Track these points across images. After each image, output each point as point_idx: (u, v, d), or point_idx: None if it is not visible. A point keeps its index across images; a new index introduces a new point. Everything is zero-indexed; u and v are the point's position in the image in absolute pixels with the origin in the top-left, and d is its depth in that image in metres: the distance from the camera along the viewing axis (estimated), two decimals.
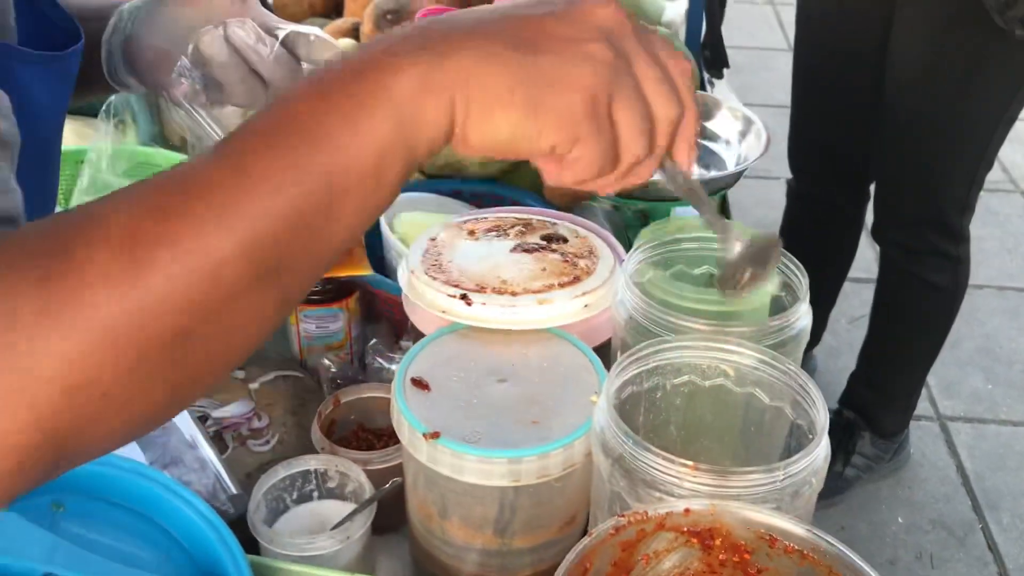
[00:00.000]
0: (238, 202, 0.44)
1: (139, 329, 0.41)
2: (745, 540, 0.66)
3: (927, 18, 1.72)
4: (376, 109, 0.46)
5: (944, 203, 1.90)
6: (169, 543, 0.78)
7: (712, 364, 0.80)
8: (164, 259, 0.42)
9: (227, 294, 0.44)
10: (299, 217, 0.45)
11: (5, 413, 0.39)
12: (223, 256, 0.43)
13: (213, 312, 0.44)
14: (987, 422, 2.49)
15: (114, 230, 0.42)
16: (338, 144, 0.46)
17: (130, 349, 0.41)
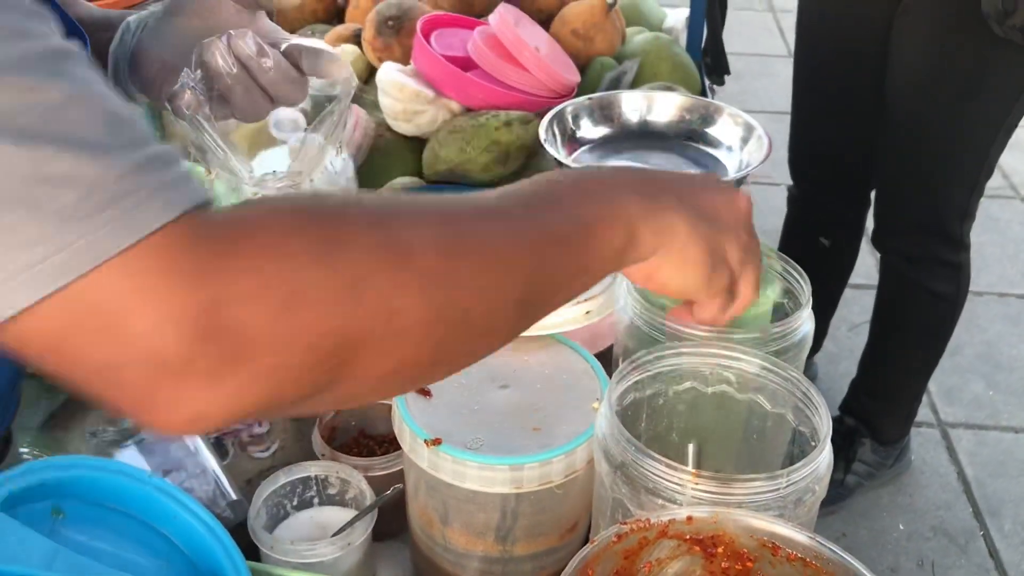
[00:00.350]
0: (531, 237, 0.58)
1: (442, 288, 0.52)
2: (748, 548, 0.65)
3: (927, 25, 1.72)
4: (617, 223, 0.62)
5: (944, 210, 1.90)
6: (170, 549, 0.77)
7: (714, 371, 0.80)
8: (470, 245, 0.54)
9: (502, 297, 0.56)
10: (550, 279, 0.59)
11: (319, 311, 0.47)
12: (511, 266, 0.56)
13: (488, 306, 0.55)
14: (988, 429, 2.48)
15: (437, 228, 0.54)
16: (594, 239, 0.61)
17: (435, 299, 0.51)
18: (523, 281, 0.56)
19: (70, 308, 0.43)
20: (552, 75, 1.52)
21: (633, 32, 1.86)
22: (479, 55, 1.53)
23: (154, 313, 0.44)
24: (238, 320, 0.45)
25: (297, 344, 0.46)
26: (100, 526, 0.76)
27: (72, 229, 0.42)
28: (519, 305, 0.57)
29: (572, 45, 1.71)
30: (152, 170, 0.45)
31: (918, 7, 1.73)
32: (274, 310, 0.46)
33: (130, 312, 0.43)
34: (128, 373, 0.45)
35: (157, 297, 0.44)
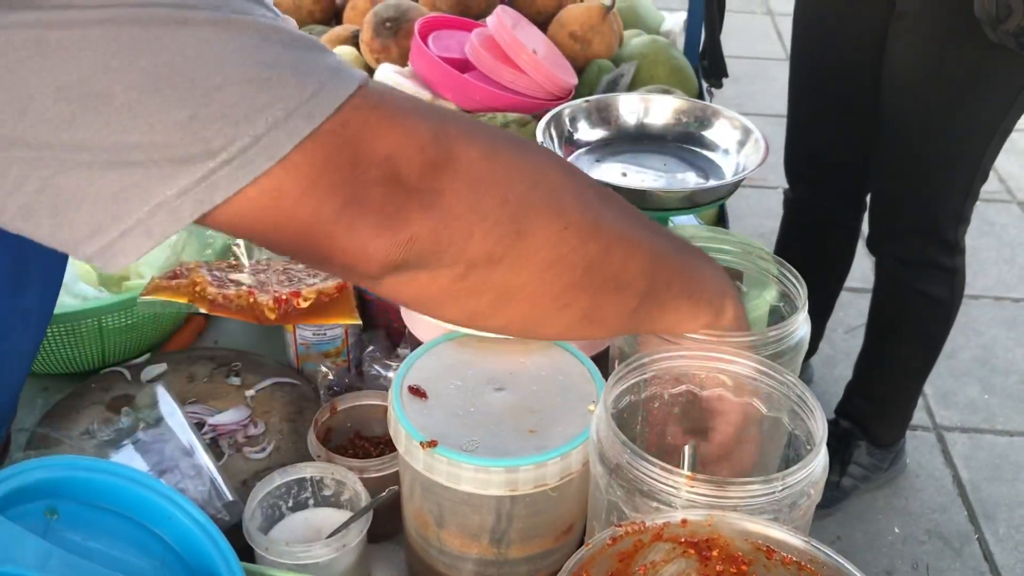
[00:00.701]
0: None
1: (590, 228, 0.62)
2: (743, 551, 0.65)
3: (921, 30, 1.73)
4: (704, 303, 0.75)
5: (939, 214, 1.91)
6: (164, 550, 0.77)
7: (710, 374, 0.80)
8: (612, 214, 0.66)
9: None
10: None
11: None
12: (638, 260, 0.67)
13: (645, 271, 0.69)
14: (984, 432, 2.49)
15: (592, 182, 0.67)
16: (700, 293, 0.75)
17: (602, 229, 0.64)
18: (649, 264, 0.67)
19: (325, 144, 0.49)
20: (549, 77, 1.52)
21: (631, 35, 1.86)
22: (476, 57, 1.53)
23: (398, 135, 0.52)
24: (455, 152, 0.54)
25: (492, 192, 0.56)
26: (94, 527, 0.76)
27: (310, 83, 0.49)
28: (641, 286, 0.67)
29: (570, 47, 1.71)
30: (330, 52, 0.53)
31: (912, 12, 1.73)
32: (480, 154, 0.55)
33: (379, 135, 0.51)
34: (370, 198, 0.51)
35: (398, 123, 0.52)
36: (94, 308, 1.07)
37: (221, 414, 1.05)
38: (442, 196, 0.54)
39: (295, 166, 0.49)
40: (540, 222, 0.59)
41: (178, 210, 0.47)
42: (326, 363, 1.12)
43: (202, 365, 1.14)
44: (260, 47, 0.48)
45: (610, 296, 0.66)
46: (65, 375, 1.15)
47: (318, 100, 0.49)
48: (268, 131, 0.47)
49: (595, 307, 0.66)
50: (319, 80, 0.49)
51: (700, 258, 0.76)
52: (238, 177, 0.47)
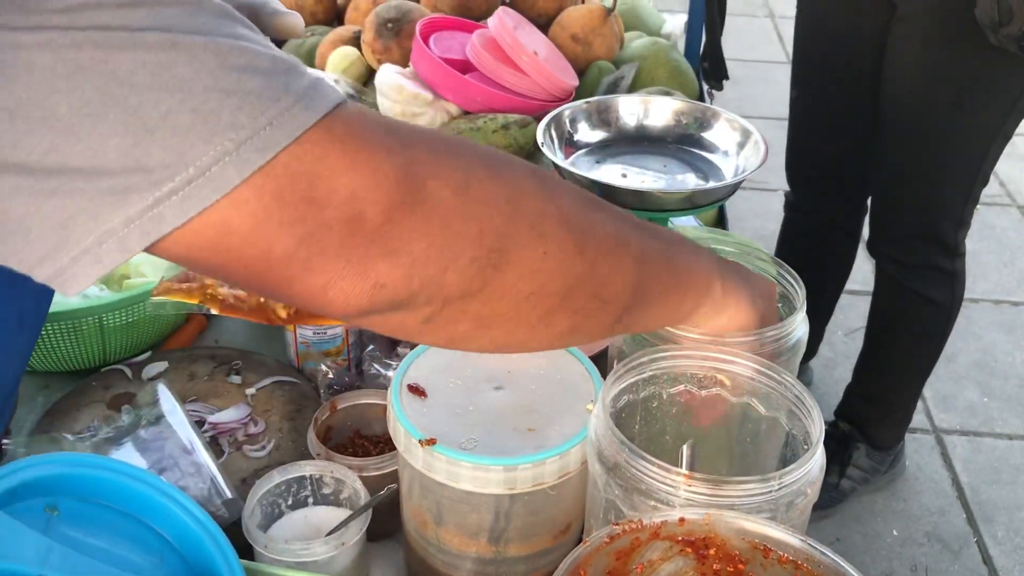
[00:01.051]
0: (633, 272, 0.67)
1: (574, 243, 0.60)
2: (739, 550, 0.66)
3: (922, 34, 1.73)
4: (692, 290, 0.74)
5: (939, 218, 1.91)
6: (164, 547, 0.77)
7: (708, 374, 0.80)
8: (601, 227, 0.63)
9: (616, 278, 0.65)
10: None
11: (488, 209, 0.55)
12: (626, 266, 0.65)
13: (630, 287, 0.66)
14: (982, 435, 2.49)
15: (576, 191, 0.64)
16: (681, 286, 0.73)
17: (586, 250, 0.61)
18: (635, 269, 0.65)
19: (278, 179, 0.47)
20: (550, 79, 1.53)
21: (631, 37, 1.87)
22: (478, 58, 1.54)
23: (359, 174, 0.49)
24: (424, 191, 0.51)
25: (467, 228, 0.53)
26: (94, 523, 0.76)
27: (267, 111, 0.46)
28: (629, 290, 0.65)
29: (571, 49, 1.71)
30: (303, 74, 0.49)
31: (913, 16, 1.73)
32: (452, 191, 0.52)
33: (337, 174, 0.48)
34: (327, 240, 0.48)
35: (360, 160, 0.49)
36: (95, 306, 1.07)
37: (221, 412, 1.06)
38: (410, 240, 0.51)
39: (243, 201, 0.46)
40: (518, 253, 0.56)
41: (125, 239, 0.46)
42: (326, 362, 1.13)
43: (203, 363, 1.15)
44: (217, 73, 0.45)
45: (593, 313, 0.65)
46: (66, 373, 1.16)
47: (273, 131, 0.46)
48: (216, 162, 0.45)
49: (577, 324, 0.64)
50: (279, 109, 0.47)
51: (685, 250, 0.73)
52: (184, 209, 0.45)
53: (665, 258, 0.70)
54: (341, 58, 1.67)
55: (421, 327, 0.57)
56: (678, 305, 0.73)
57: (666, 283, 0.70)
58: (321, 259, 0.49)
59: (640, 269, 0.66)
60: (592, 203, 0.64)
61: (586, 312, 0.63)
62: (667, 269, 0.70)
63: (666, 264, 0.70)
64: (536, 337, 0.64)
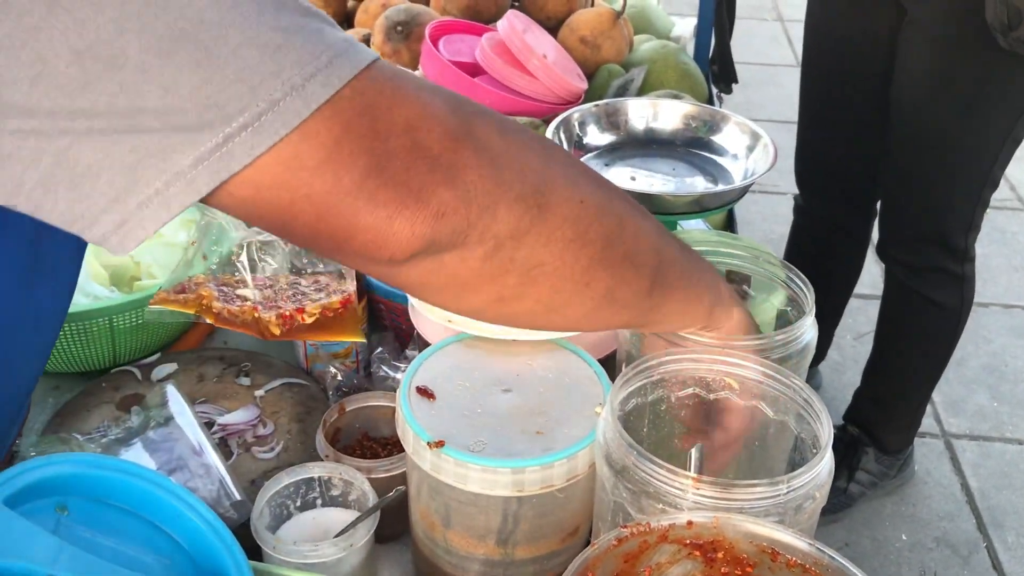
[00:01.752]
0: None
1: (602, 208, 0.63)
2: (748, 553, 0.66)
3: (932, 38, 1.73)
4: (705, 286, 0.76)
5: (949, 222, 1.90)
6: (173, 548, 0.78)
7: (717, 377, 0.80)
8: (620, 202, 0.66)
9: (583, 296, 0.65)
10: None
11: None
12: (647, 246, 0.67)
13: (656, 262, 0.69)
14: (992, 440, 2.48)
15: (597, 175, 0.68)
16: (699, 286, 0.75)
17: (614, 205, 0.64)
18: (657, 238, 0.68)
19: (343, 110, 0.48)
20: (559, 82, 1.53)
21: (641, 40, 1.87)
22: (487, 61, 1.54)
23: (418, 104, 0.51)
24: (474, 126, 0.54)
25: (512, 166, 0.55)
26: (104, 524, 0.76)
27: (325, 50, 0.48)
28: (648, 279, 0.68)
29: (580, 52, 1.71)
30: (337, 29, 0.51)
31: (923, 19, 1.73)
32: (497, 129, 0.55)
33: (399, 102, 0.50)
34: (392, 166, 0.50)
35: (415, 93, 0.52)
36: (105, 307, 1.08)
37: (230, 414, 1.06)
38: (466, 168, 0.53)
39: (314, 133, 0.47)
40: (559, 196, 0.59)
41: (194, 180, 0.46)
42: (335, 364, 1.13)
43: (212, 365, 1.15)
44: (277, 13, 0.47)
45: (628, 274, 0.66)
46: (76, 374, 1.16)
47: (335, 67, 0.48)
48: (284, 96, 0.46)
49: (614, 286, 0.65)
50: (335, 49, 0.48)
51: (689, 248, 0.77)
52: (254, 144, 0.46)
53: (677, 243, 0.73)
54: None
55: (474, 273, 0.58)
56: (697, 300, 0.75)
57: (683, 268, 0.72)
58: (386, 188, 0.50)
59: (660, 240, 0.69)
60: (605, 179, 0.68)
61: (622, 274, 0.65)
62: (682, 254, 0.72)
63: (679, 249, 0.72)
64: (578, 300, 0.64)
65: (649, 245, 0.67)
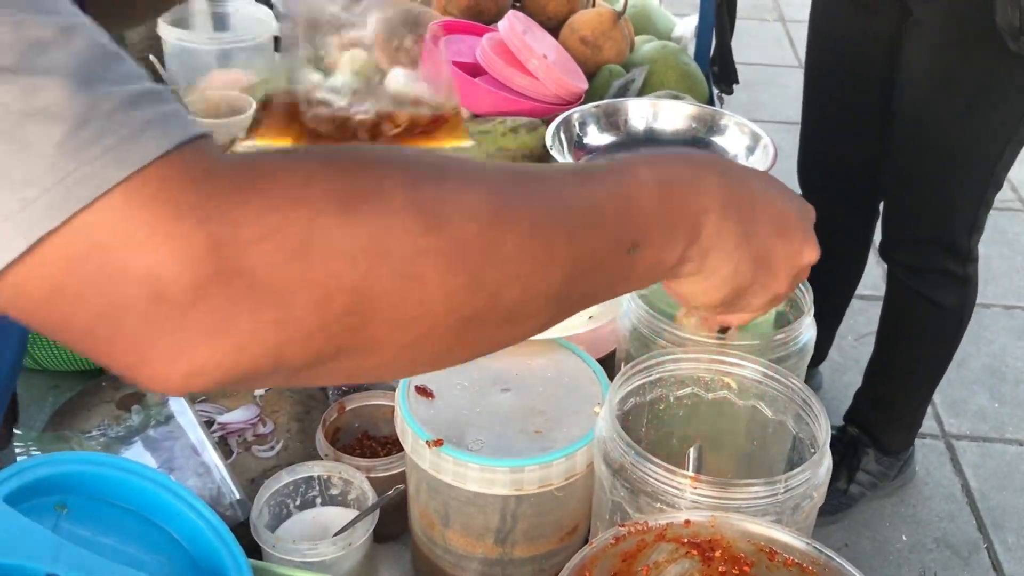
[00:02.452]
0: (585, 231, 0.54)
1: (474, 264, 0.48)
2: (745, 552, 0.66)
3: (937, 39, 1.73)
4: (682, 228, 0.59)
5: (952, 223, 1.90)
6: (172, 546, 0.78)
7: (715, 377, 0.80)
8: (521, 226, 0.50)
9: (538, 289, 0.52)
10: (607, 268, 0.56)
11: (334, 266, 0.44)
12: (554, 257, 0.52)
13: (520, 295, 0.51)
14: (993, 441, 2.48)
15: (490, 183, 0.51)
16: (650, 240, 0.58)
17: (460, 276, 0.48)
18: (563, 274, 0.53)
19: (67, 249, 0.40)
20: (560, 82, 1.53)
21: (642, 40, 1.87)
22: (487, 61, 1.54)
23: (159, 248, 0.41)
24: (246, 261, 0.42)
25: (307, 296, 0.44)
26: (104, 522, 0.77)
27: (63, 165, 0.39)
28: (554, 300, 0.54)
29: (580, 53, 1.72)
30: (146, 104, 0.42)
31: (928, 20, 1.73)
32: (285, 256, 0.43)
33: (133, 249, 0.41)
34: (127, 319, 0.42)
35: (162, 231, 0.41)
36: None
37: (230, 413, 1.06)
38: (231, 318, 0.43)
39: (36, 265, 0.40)
40: (384, 308, 0.46)
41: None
42: None
43: None
44: (14, 116, 0.40)
45: (506, 334, 0.54)
46: (76, 373, 1.16)
47: (67, 191, 0.39)
48: (3, 221, 0.39)
49: (481, 349, 0.55)
50: (79, 163, 0.40)
51: (668, 192, 0.58)
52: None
53: (613, 252, 0.56)
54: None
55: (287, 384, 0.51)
56: (631, 286, 0.61)
57: (612, 271, 0.57)
58: (124, 339, 0.43)
59: (572, 267, 0.53)
60: (507, 203, 0.51)
61: (494, 340, 0.54)
62: (617, 241, 0.56)
63: (616, 236, 0.56)
64: (436, 366, 0.55)
65: (545, 297, 0.53)
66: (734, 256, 0.62)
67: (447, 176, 0.49)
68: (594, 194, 0.55)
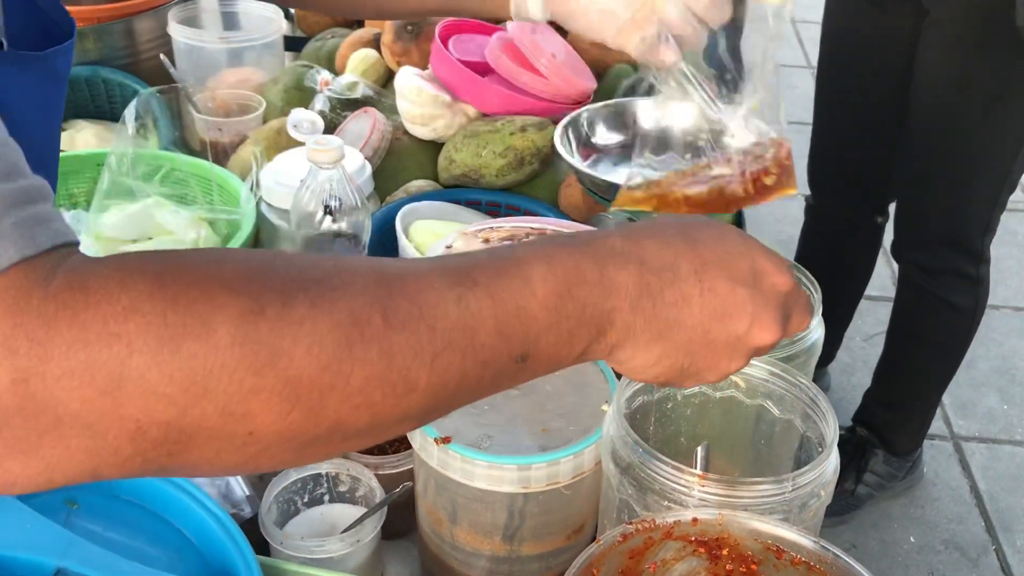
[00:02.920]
0: (456, 354, 0.49)
1: (313, 399, 0.45)
2: (752, 551, 0.66)
3: (953, 40, 1.72)
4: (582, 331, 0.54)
5: (966, 224, 1.90)
6: (181, 542, 0.78)
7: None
8: (372, 359, 0.45)
9: (394, 414, 0.48)
10: (488, 381, 0.51)
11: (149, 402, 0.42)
12: (414, 385, 0.47)
13: (370, 421, 0.47)
14: (1002, 443, 2.47)
15: (344, 308, 0.46)
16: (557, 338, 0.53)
17: (295, 412, 0.44)
18: (424, 398, 0.48)
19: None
20: (569, 81, 1.53)
21: None
22: (496, 61, 1.54)
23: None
24: (53, 395, 0.40)
25: (119, 429, 0.42)
26: (114, 518, 0.77)
27: None
28: (415, 418, 0.50)
29: (589, 52, 1.71)
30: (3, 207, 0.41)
31: (945, 20, 1.72)
32: (95, 392, 0.41)
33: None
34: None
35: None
36: None
37: None
38: (40, 445, 0.42)
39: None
40: (204, 442, 0.44)
41: None
42: None
43: None
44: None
45: (358, 442, 0.50)
46: None
47: None
48: None
49: (340, 453, 0.54)
50: None
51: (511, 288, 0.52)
52: None
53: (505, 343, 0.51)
54: (360, 60, 1.68)
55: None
56: (541, 373, 0.55)
57: (496, 379, 0.52)
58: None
59: (438, 391, 0.49)
60: (359, 333, 0.46)
61: (344, 449, 0.50)
62: (499, 354, 0.51)
63: (500, 350, 0.51)
64: (282, 467, 0.53)
65: (403, 412, 0.48)
66: (653, 348, 0.56)
67: (294, 302, 0.45)
68: (471, 310, 0.49)
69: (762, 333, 0.58)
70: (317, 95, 1.54)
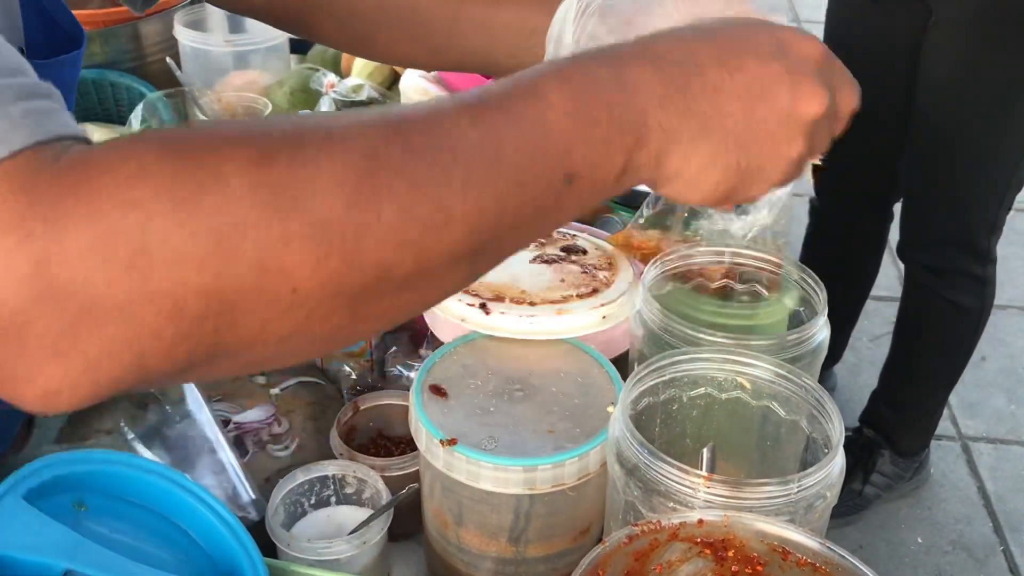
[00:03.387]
0: (485, 175, 0.46)
1: (348, 241, 0.42)
2: (758, 552, 0.66)
3: (959, 39, 1.72)
4: (616, 140, 0.50)
5: (972, 224, 1.90)
6: (189, 544, 0.79)
7: (728, 377, 0.80)
8: (398, 190, 0.43)
9: (437, 252, 0.45)
10: (530, 208, 0.48)
11: (179, 271, 0.39)
12: (450, 215, 0.45)
13: (415, 263, 0.45)
14: (1009, 443, 2.46)
15: (357, 145, 0.43)
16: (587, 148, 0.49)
17: (332, 257, 0.42)
18: (467, 230, 0.46)
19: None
20: None
21: None
22: None
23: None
24: (74, 279, 0.38)
25: (154, 309, 0.39)
26: (121, 520, 0.77)
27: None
28: (465, 258, 0.47)
29: None
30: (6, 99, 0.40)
31: (950, 22, 1.72)
32: (120, 268, 0.38)
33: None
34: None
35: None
36: None
37: (246, 412, 1.07)
38: (75, 338, 0.39)
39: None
40: (250, 306, 0.41)
41: None
42: (350, 363, 1.13)
43: None
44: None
45: (411, 297, 0.47)
46: None
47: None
48: None
49: (390, 317, 0.48)
50: None
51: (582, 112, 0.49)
52: None
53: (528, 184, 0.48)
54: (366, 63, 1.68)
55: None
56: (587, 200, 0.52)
57: (540, 209, 0.49)
58: None
59: (477, 221, 0.46)
60: (379, 166, 0.44)
61: (400, 308, 0.48)
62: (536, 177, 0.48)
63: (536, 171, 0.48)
64: (339, 345, 0.49)
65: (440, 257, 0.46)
66: (701, 147, 0.53)
67: (303, 144, 0.43)
68: (488, 128, 0.47)
69: (810, 101, 0.56)
70: (323, 97, 1.54)
